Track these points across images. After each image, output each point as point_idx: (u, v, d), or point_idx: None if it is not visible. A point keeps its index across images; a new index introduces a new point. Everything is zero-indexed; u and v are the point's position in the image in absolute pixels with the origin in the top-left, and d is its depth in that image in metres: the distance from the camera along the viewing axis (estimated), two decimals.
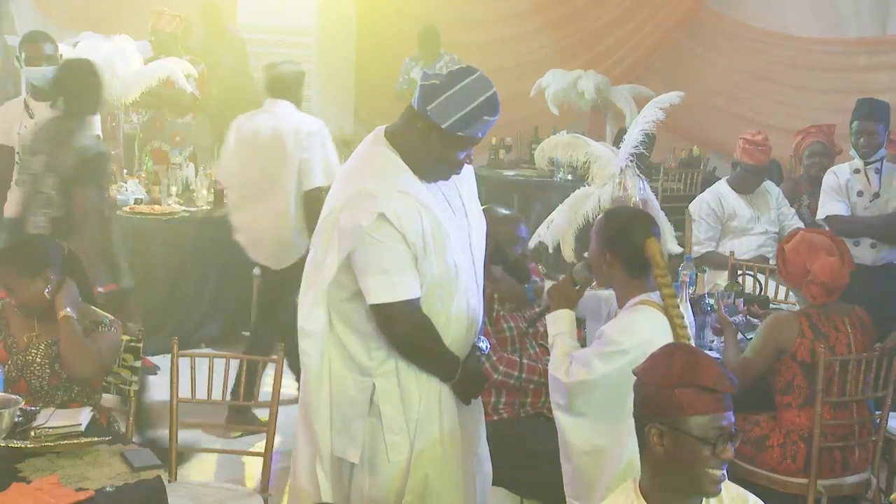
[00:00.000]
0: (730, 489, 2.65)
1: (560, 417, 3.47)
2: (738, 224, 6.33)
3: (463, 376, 3.39)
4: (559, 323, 3.57)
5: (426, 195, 3.30)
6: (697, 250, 6.34)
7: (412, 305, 3.25)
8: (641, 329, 3.37)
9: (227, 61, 9.68)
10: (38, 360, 3.75)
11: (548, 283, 4.43)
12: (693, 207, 6.55)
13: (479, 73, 3.26)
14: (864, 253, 5.67)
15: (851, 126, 5.78)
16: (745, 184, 6.39)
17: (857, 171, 5.79)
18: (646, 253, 3.45)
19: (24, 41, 5.77)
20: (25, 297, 3.78)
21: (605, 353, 3.37)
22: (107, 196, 5.60)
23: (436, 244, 3.26)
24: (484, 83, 3.24)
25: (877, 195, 5.72)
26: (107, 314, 3.92)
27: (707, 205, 6.42)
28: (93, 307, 3.93)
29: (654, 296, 3.44)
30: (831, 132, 6.88)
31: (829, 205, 5.74)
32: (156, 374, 6.27)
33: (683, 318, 3.40)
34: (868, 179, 5.76)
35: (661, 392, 2.53)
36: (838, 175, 5.84)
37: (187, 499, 3.96)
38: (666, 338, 3.32)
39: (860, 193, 5.78)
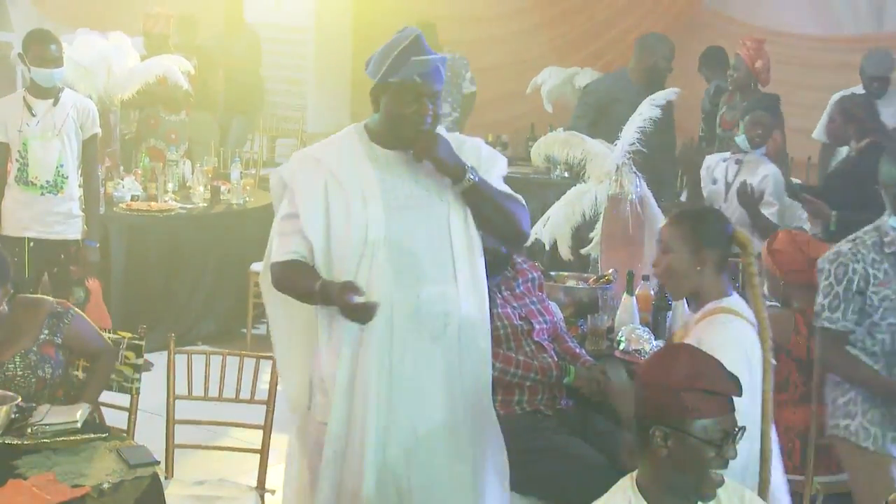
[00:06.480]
0: (726, 485, 2.66)
1: None
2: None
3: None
4: None
5: (353, 162, 3.37)
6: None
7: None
8: (733, 342, 3.26)
9: (238, 51, 9.78)
10: (20, 372, 3.74)
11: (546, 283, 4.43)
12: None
13: (407, 28, 3.36)
14: None
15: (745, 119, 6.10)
16: None
17: (724, 160, 6.12)
18: (737, 241, 3.42)
19: (31, 41, 5.72)
20: None
21: None
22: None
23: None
24: (408, 32, 3.34)
25: (727, 185, 5.94)
26: (48, 298, 3.95)
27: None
28: (37, 298, 3.96)
29: (728, 302, 3.36)
30: None
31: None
32: (150, 370, 6.27)
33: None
34: (726, 170, 6.04)
35: (667, 395, 2.53)
36: (709, 161, 6.17)
37: (183, 495, 3.96)
38: (750, 347, 3.27)
39: (714, 181, 5.98)
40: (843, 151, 6.62)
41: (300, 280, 3.34)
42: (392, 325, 3.32)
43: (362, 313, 3.20)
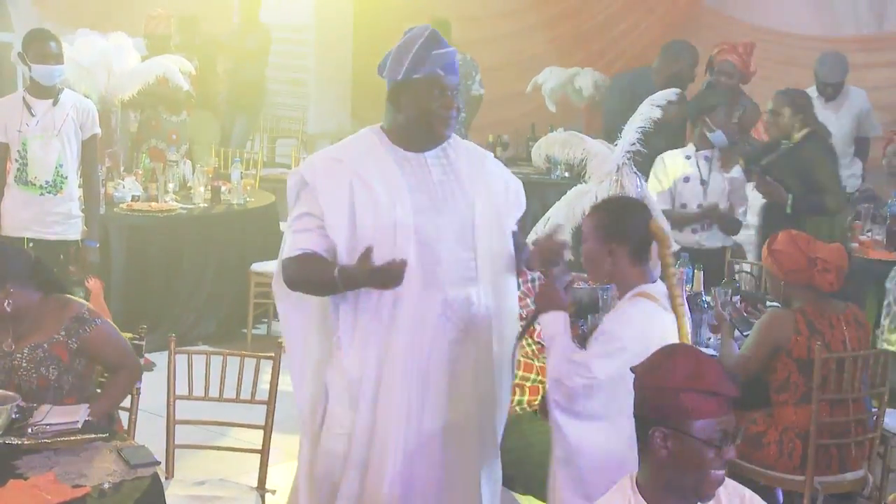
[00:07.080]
0: (727, 485, 2.66)
1: (562, 420, 3.39)
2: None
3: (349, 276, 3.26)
4: (554, 324, 3.52)
5: (377, 163, 3.33)
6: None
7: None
8: (639, 323, 3.36)
9: (249, 46, 9.81)
10: (25, 364, 3.73)
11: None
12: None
13: (418, 26, 3.36)
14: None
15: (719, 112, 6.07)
16: None
17: (688, 157, 6.07)
18: (651, 233, 3.48)
19: (31, 39, 5.73)
20: None
21: (606, 352, 3.34)
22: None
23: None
24: (421, 29, 3.34)
25: (703, 182, 5.98)
26: (82, 302, 3.92)
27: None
28: (70, 299, 3.91)
29: (650, 287, 3.45)
30: None
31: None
32: (152, 370, 6.27)
33: (682, 297, 3.45)
34: (698, 167, 6.01)
35: (665, 396, 2.54)
36: (665, 161, 6.09)
37: (184, 496, 3.96)
38: (660, 332, 3.33)
39: (687, 179, 6.00)
40: None
41: (316, 271, 3.30)
42: (420, 327, 3.31)
43: (394, 274, 3.15)
